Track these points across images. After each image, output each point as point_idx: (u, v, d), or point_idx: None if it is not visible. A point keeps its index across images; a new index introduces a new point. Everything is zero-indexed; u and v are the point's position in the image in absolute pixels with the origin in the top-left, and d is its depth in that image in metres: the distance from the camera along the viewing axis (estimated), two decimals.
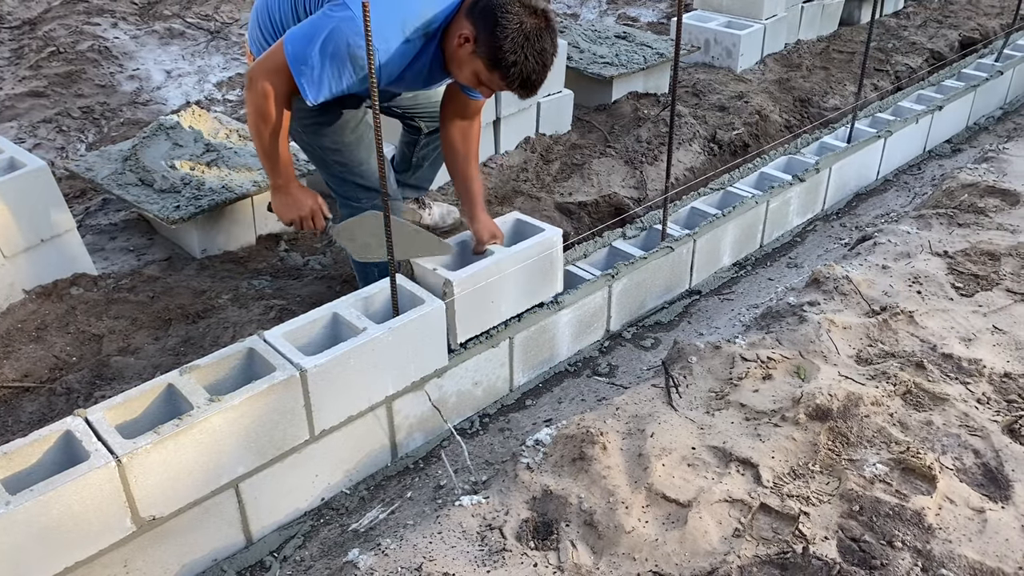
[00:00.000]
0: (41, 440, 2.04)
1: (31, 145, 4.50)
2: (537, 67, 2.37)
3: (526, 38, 2.31)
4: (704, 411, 2.41)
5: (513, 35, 2.30)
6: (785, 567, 1.94)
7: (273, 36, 2.68)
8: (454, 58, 2.45)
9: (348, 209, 2.89)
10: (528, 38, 2.31)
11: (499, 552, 2.00)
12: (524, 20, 2.31)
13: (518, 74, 2.36)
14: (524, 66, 2.34)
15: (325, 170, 2.87)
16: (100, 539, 2.00)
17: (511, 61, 2.33)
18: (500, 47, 2.32)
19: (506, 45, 2.31)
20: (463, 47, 2.39)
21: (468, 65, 2.43)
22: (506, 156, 4.40)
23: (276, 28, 2.66)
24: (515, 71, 2.36)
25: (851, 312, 2.84)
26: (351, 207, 2.88)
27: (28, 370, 2.86)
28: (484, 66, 2.39)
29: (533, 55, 2.34)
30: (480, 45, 2.35)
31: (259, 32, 2.73)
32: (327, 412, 2.36)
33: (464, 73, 2.47)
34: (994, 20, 6.90)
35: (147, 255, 3.56)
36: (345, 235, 2.50)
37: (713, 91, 5.28)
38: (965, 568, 1.93)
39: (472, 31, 2.36)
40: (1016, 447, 2.26)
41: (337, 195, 2.93)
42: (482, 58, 2.37)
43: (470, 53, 2.39)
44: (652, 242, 3.42)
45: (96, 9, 5.89)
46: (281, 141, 2.54)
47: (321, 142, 2.75)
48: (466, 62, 2.42)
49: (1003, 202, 3.58)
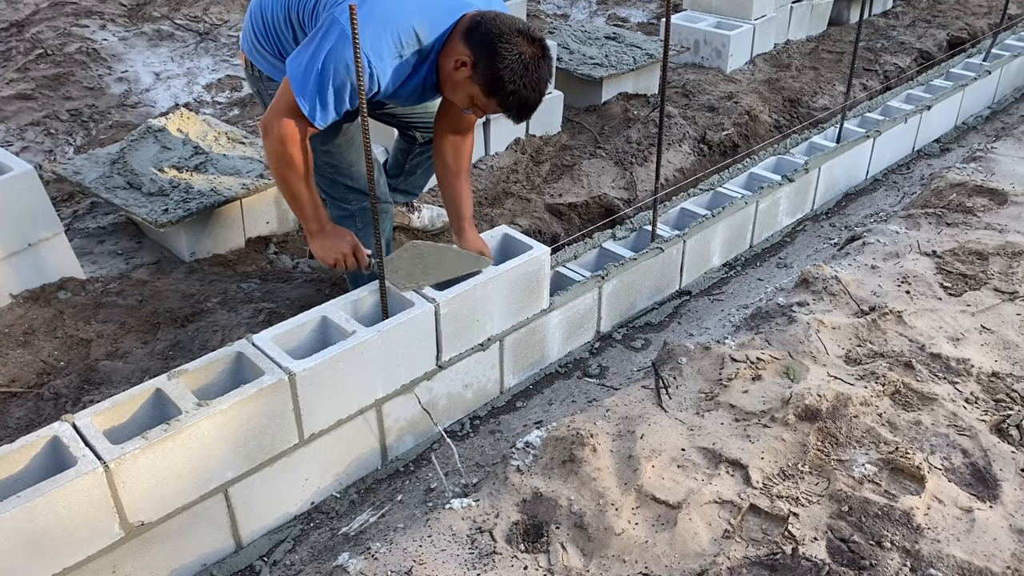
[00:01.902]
0: (28, 446, 2.03)
1: (18, 148, 4.47)
2: (534, 95, 2.41)
3: (524, 68, 2.34)
4: (694, 412, 2.41)
5: (512, 64, 2.33)
6: (775, 568, 1.94)
7: (265, 37, 2.67)
8: (449, 80, 2.46)
9: (338, 210, 2.88)
10: (527, 68, 2.34)
11: (489, 555, 2.00)
12: (523, 50, 2.34)
13: (516, 102, 2.40)
14: (521, 94, 2.38)
15: (315, 171, 2.85)
16: (88, 545, 1.99)
17: (509, 90, 2.36)
18: (499, 76, 2.34)
19: (505, 75, 2.34)
20: (459, 71, 2.41)
21: (464, 89, 2.45)
22: (496, 157, 4.40)
23: (268, 29, 2.65)
24: (513, 99, 2.39)
25: (840, 312, 2.85)
26: (340, 208, 2.87)
27: (15, 375, 2.85)
28: (481, 92, 2.41)
29: (531, 84, 2.37)
30: (478, 71, 2.37)
31: (252, 33, 2.72)
32: (316, 416, 2.35)
33: (459, 95, 2.49)
34: (982, 20, 6.93)
35: (135, 259, 3.55)
36: (391, 268, 2.53)
37: (703, 92, 5.29)
38: (953, 568, 1.94)
39: (470, 56, 2.37)
40: (1004, 446, 2.27)
41: (325, 197, 2.92)
42: (479, 84, 2.40)
43: (467, 78, 2.41)
44: (642, 243, 3.42)
45: (84, 11, 5.87)
46: (310, 184, 2.52)
47: (312, 143, 2.74)
48: (462, 85, 2.44)
49: (991, 201, 3.60)
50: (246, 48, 2.74)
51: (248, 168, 3.63)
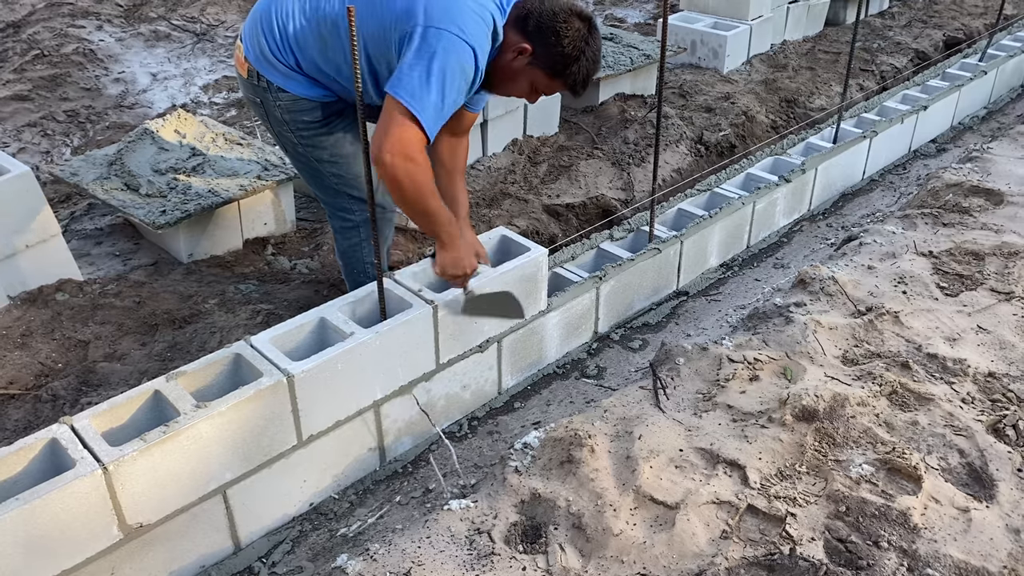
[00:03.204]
0: (26, 448, 2.03)
1: (15, 150, 4.47)
2: (594, 67, 2.50)
3: (585, 43, 2.42)
4: (692, 413, 2.42)
5: (574, 42, 2.40)
6: (772, 568, 1.95)
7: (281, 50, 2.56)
8: (507, 71, 2.49)
9: (341, 222, 2.88)
10: (587, 43, 2.43)
11: (487, 556, 2.00)
12: (578, 27, 2.41)
13: (581, 78, 2.48)
14: (585, 68, 2.46)
15: (318, 181, 2.83)
16: (87, 547, 1.99)
17: (574, 67, 2.44)
18: (564, 54, 2.41)
19: (571, 53, 2.41)
20: (518, 60, 2.45)
21: (524, 77, 2.50)
22: (493, 158, 4.40)
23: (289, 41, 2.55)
24: (579, 75, 2.47)
25: (837, 313, 2.86)
26: (343, 220, 2.87)
27: (13, 377, 2.84)
28: (544, 75, 2.48)
29: (592, 56, 2.46)
30: (538, 56, 2.43)
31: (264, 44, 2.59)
32: (315, 417, 2.35)
33: (519, 85, 2.53)
34: (978, 20, 6.95)
35: (133, 260, 3.55)
36: (471, 302, 2.61)
37: (700, 92, 5.30)
38: (950, 568, 1.94)
39: (527, 44, 2.42)
40: (1000, 446, 2.28)
41: (327, 206, 2.92)
42: (542, 68, 2.46)
43: (526, 65, 2.46)
44: (639, 244, 3.43)
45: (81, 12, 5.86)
46: (438, 196, 2.48)
47: (319, 155, 2.73)
48: (522, 74, 2.49)
49: (987, 202, 3.61)
50: (252, 58, 2.62)
51: (246, 169, 3.63)
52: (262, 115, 2.75)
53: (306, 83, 2.59)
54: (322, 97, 2.62)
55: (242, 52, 2.67)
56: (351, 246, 2.91)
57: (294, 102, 2.62)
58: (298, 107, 2.62)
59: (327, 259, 3.60)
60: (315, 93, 2.61)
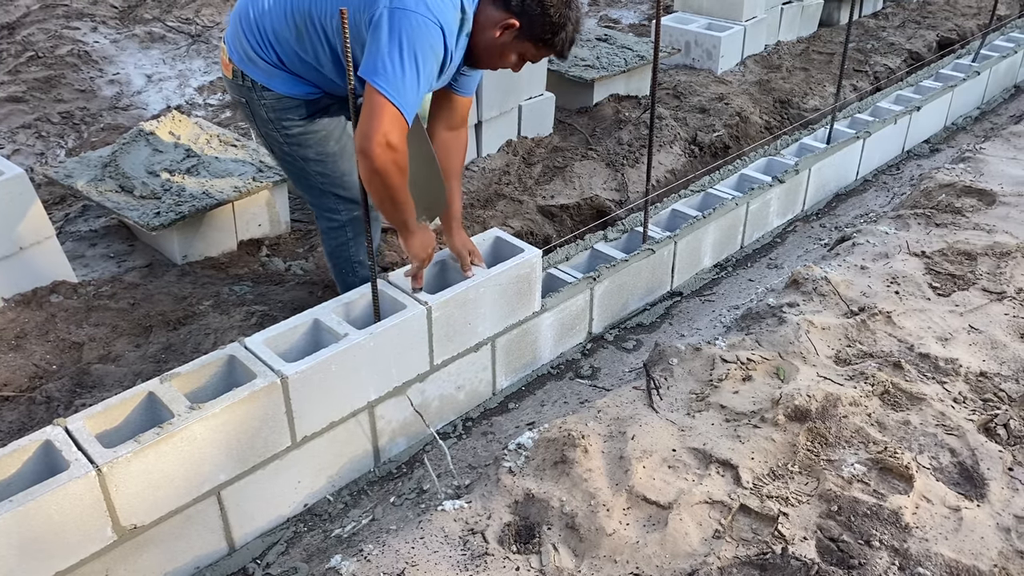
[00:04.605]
0: (21, 450, 2.03)
1: (10, 151, 4.47)
2: (578, 28, 2.55)
3: (568, 7, 2.47)
4: (685, 413, 2.43)
5: (559, 9, 2.45)
6: (764, 568, 1.95)
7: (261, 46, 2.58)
8: (494, 48, 2.52)
9: (326, 222, 2.88)
10: (569, 7, 2.48)
11: (481, 556, 2.01)
12: None
13: (568, 42, 2.53)
14: (570, 32, 2.51)
15: (304, 181, 2.83)
16: (81, 549, 1.99)
17: (562, 34, 2.49)
18: (551, 23, 2.45)
19: (556, 20, 2.45)
20: (505, 34, 2.48)
21: (512, 49, 2.53)
22: (488, 159, 4.41)
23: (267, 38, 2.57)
24: (566, 40, 2.52)
25: (830, 313, 2.87)
26: (329, 220, 2.87)
27: (7, 379, 2.84)
28: (532, 45, 2.52)
29: (575, 20, 2.51)
30: (526, 28, 2.47)
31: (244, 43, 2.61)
32: (309, 418, 2.36)
33: (507, 58, 2.56)
34: (971, 21, 6.97)
35: (127, 262, 3.55)
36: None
37: (694, 93, 5.31)
38: (942, 566, 1.95)
39: (513, 18, 2.45)
40: (991, 446, 2.29)
41: (314, 207, 2.91)
42: (530, 39, 2.50)
43: (514, 39, 2.50)
44: (634, 244, 3.44)
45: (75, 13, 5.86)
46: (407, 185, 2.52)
47: (305, 154, 2.73)
48: (510, 47, 2.52)
49: (980, 202, 3.62)
50: (236, 58, 2.64)
51: (240, 171, 3.63)
52: (248, 115, 2.75)
53: (290, 80, 2.60)
54: (306, 95, 2.63)
55: (226, 53, 2.68)
56: (338, 246, 2.91)
57: (278, 100, 2.62)
58: (283, 105, 2.63)
59: (321, 260, 3.60)
60: (299, 91, 2.62)
